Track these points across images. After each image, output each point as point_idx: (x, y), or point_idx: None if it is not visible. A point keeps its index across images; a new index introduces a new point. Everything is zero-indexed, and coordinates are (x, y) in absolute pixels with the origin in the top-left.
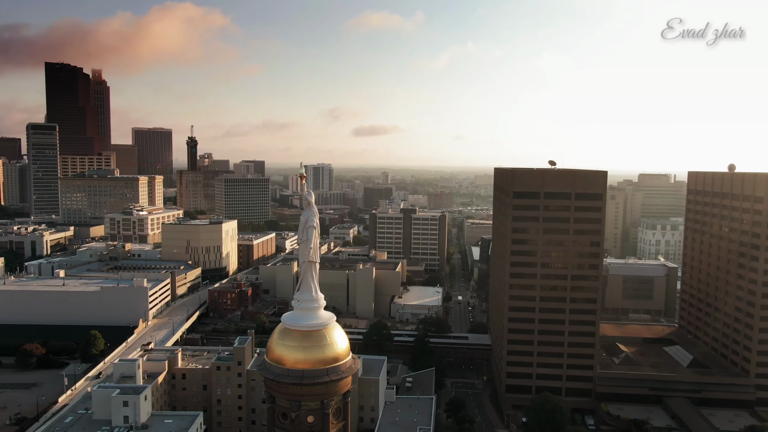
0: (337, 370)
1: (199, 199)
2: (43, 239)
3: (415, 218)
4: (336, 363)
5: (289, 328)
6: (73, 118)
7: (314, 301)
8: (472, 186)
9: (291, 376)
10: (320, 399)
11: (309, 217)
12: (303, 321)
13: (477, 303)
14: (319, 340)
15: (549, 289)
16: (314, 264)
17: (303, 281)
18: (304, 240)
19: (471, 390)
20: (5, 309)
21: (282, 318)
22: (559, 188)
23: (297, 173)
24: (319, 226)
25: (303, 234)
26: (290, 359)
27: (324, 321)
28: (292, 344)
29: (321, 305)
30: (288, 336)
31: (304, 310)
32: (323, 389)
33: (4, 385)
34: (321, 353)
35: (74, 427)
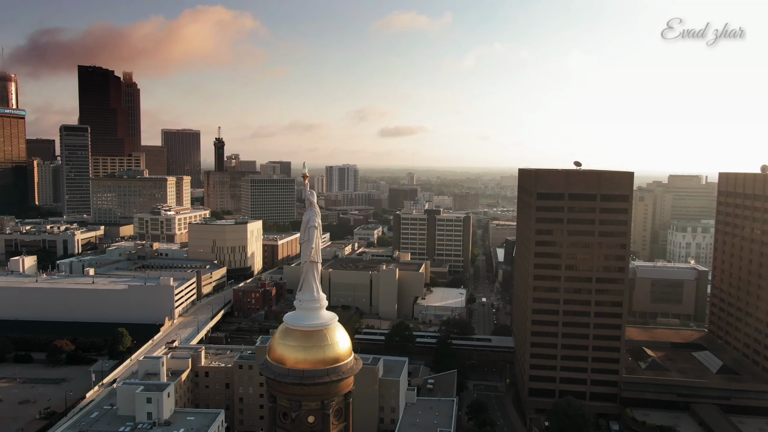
0: (337, 370)
1: (226, 200)
2: (74, 238)
3: (440, 219)
4: (337, 364)
5: (290, 327)
6: (104, 120)
7: (316, 301)
8: (498, 187)
9: (291, 375)
10: (321, 399)
11: (311, 217)
12: (304, 321)
13: (501, 305)
14: (319, 341)
15: (573, 292)
16: (316, 264)
17: (305, 281)
18: (305, 240)
19: (493, 393)
20: (37, 306)
21: (284, 318)
22: (584, 189)
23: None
24: (320, 225)
25: (305, 234)
26: (291, 359)
27: (325, 321)
28: (292, 344)
29: (323, 305)
30: (289, 336)
31: (305, 310)
32: (324, 389)
33: (34, 380)
34: (321, 353)
35: (99, 423)
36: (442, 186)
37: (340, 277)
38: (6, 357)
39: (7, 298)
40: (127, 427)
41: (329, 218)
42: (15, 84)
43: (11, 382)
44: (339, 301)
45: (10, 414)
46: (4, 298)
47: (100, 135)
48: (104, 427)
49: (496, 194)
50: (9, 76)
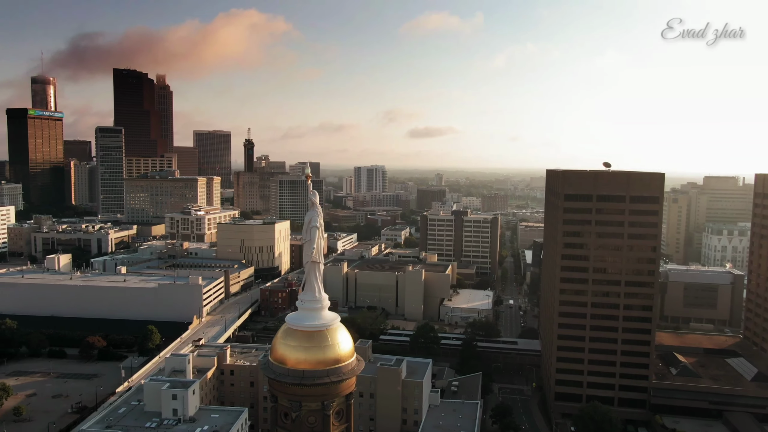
0: (338, 371)
1: (255, 200)
2: (108, 237)
3: (467, 220)
4: (337, 364)
5: (292, 327)
6: (138, 122)
7: (317, 302)
8: (528, 188)
9: (291, 375)
10: (321, 400)
11: (313, 217)
12: (305, 321)
13: (529, 307)
14: (320, 341)
15: (601, 295)
16: (318, 264)
17: (307, 281)
18: (307, 240)
19: (519, 396)
20: (71, 303)
21: (286, 318)
22: (612, 191)
23: (349, 175)
24: (323, 226)
25: (307, 234)
26: (292, 359)
27: (326, 322)
28: (293, 344)
29: (324, 306)
30: (290, 336)
31: (307, 310)
32: (324, 390)
33: (67, 375)
34: (322, 354)
35: (127, 418)
36: (471, 187)
37: (366, 278)
38: (41, 352)
39: (43, 295)
40: (153, 423)
41: (357, 219)
42: (53, 87)
43: (46, 377)
44: (365, 302)
45: (44, 407)
46: (40, 294)
47: (134, 136)
48: (131, 422)
49: (525, 195)
50: (48, 79)
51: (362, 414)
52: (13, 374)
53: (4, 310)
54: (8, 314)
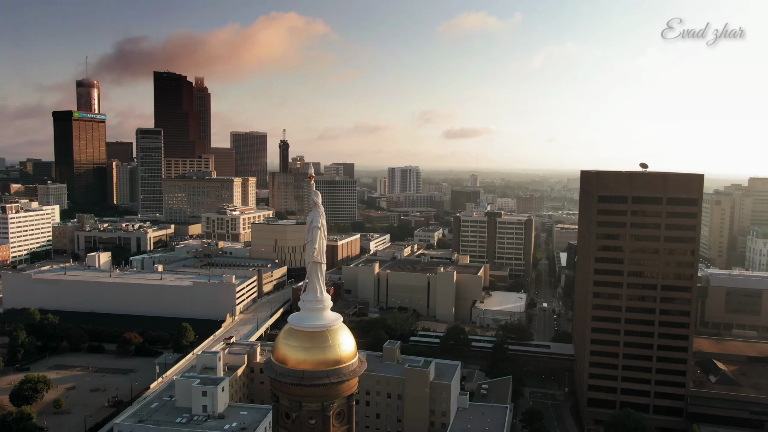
0: (338, 372)
1: (290, 200)
2: (147, 236)
3: (500, 222)
4: (338, 365)
5: (293, 328)
6: (177, 123)
7: (319, 302)
8: (565, 189)
9: (291, 375)
10: (321, 401)
11: (314, 218)
12: (306, 321)
13: (563, 311)
14: (321, 342)
15: (637, 299)
16: (320, 265)
17: (308, 282)
18: (309, 240)
19: (551, 401)
20: (110, 299)
21: (288, 318)
22: (648, 192)
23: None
24: (325, 226)
25: (308, 234)
26: (292, 359)
27: (327, 323)
28: (294, 344)
29: (326, 306)
30: (291, 336)
31: (308, 310)
32: (324, 391)
33: (105, 370)
34: (322, 354)
35: (158, 413)
36: (506, 188)
37: (397, 279)
38: (81, 347)
39: (83, 292)
40: (183, 419)
41: (390, 219)
42: (97, 90)
43: (85, 371)
44: (396, 303)
45: (82, 401)
46: (80, 291)
47: (173, 137)
48: (162, 417)
49: (561, 197)
50: (92, 82)
51: (390, 415)
52: (54, 368)
53: (47, 306)
54: (51, 310)
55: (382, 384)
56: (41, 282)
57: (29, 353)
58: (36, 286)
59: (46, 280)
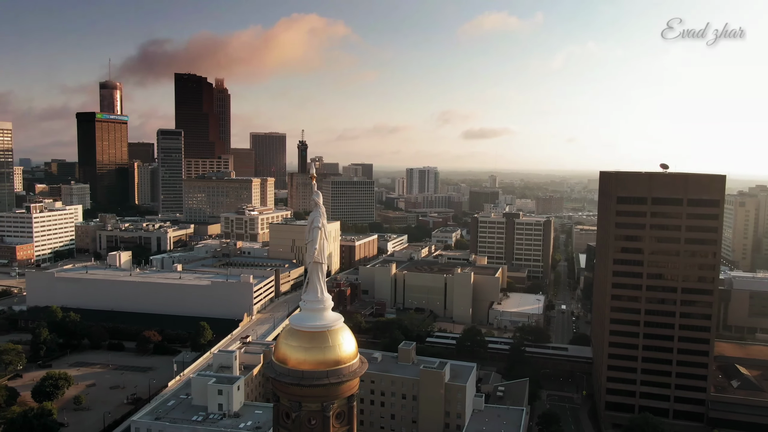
0: (338, 373)
1: (308, 200)
2: (167, 236)
3: (518, 223)
4: (338, 366)
5: (294, 328)
6: (197, 124)
7: (319, 302)
8: (585, 190)
9: (291, 375)
10: (321, 401)
11: (315, 218)
12: (306, 321)
13: (582, 313)
14: (321, 342)
15: (656, 302)
16: (320, 265)
17: (309, 282)
18: (309, 240)
19: (568, 404)
20: (130, 298)
21: (289, 318)
22: (668, 193)
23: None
24: (325, 226)
25: (309, 234)
26: (292, 359)
27: (328, 323)
28: (294, 344)
29: (327, 306)
30: (292, 336)
31: (309, 311)
32: (323, 391)
33: (124, 368)
34: (321, 355)
35: (175, 411)
36: (526, 189)
37: (414, 280)
38: (101, 344)
39: (104, 290)
40: (199, 417)
41: (408, 220)
42: (120, 92)
43: (105, 368)
44: (413, 304)
45: (102, 397)
46: (101, 289)
47: (193, 138)
48: (179, 414)
49: (582, 198)
50: (115, 84)
51: (404, 416)
52: (75, 365)
53: (69, 304)
54: (72, 308)
55: (397, 385)
56: (63, 280)
57: (51, 350)
58: (58, 284)
59: (68, 279)
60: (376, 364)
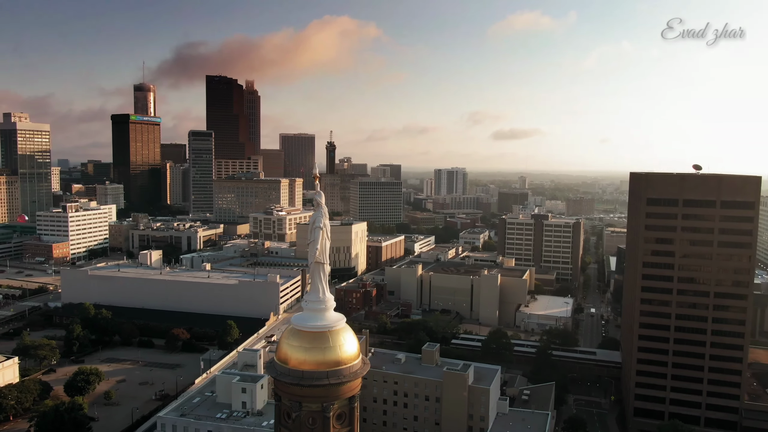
0: (338, 373)
1: (336, 201)
2: (197, 235)
3: (547, 224)
4: (338, 366)
5: (295, 327)
6: (227, 125)
7: (321, 303)
8: (617, 192)
9: (291, 375)
10: (320, 402)
11: (317, 218)
12: (308, 322)
13: (612, 317)
14: (321, 342)
15: (687, 307)
16: (322, 265)
17: (311, 282)
18: (311, 240)
19: (596, 409)
20: (160, 296)
21: (291, 318)
22: (701, 195)
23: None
24: (327, 227)
25: (311, 234)
26: (293, 359)
27: (329, 323)
28: (295, 344)
29: (329, 307)
30: (293, 336)
31: (311, 311)
32: (323, 392)
33: (154, 364)
34: (321, 355)
35: (200, 408)
36: (556, 190)
37: (440, 281)
38: (132, 341)
39: (135, 288)
40: (223, 414)
41: (435, 221)
42: (153, 94)
43: (135, 365)
44: (439, 305)
45: (131, 393)
46: (133, 287)
47: (223, 139)
48: (203, 412)
49: (613, 199)
50: (148, 86)
51: (427, 418)
52: (106, 361)
53: (101, 301)
54: (105, 305)
55: (420, 386)
56: (96, 278)
57: (84, 346)
58: (91, 282)
59: (100, 277)
60: (399, 365)
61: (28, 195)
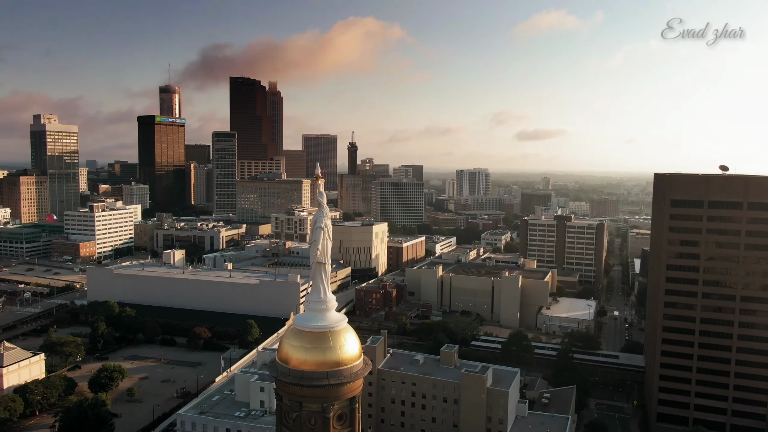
0: (338, 374)
1: (358, 202)
2: (219, 235)
3: (570, 226)
4: (338, 367)
5: (297, 328)
6: (250, 127)
7: (322, 303)
8: (643, 193)
9: (291, 375)
10: (320, 402)
11: (318, 218)
12: (308, 322)
13: (635, 320)
14: (322, 342)
15: (712, 311)
16: (323, 265)
17: (313, 282)
18: (313, 241)
19: (618, 414)
20: (183, 295)
21: (293, 318)
22: (727, 196)
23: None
24: (328, 227)
25: (312, 235)
26: (294, 359)
27: (330, 324)
28: (295, 344)
29: (330, 307)
30: (295, 336)
31: (312, 311)
32: (323, 392)
33: (175, 362)
34: (322, 356)
35: (219, 406)
36: (580, 191)
37: (461, 282)
38: (155, 339)
39: (158, 287)
40: (241, 413)
41: (457, 222)
42: (178, 96)
43: (157, 362)
44: (459, 307)
45: (153, 390)
46: (156, 286)
47: (246, 140)
48: (222, 410)
49: (639, 201)
50: (173, 88)
51: (445, 420)
52: (130, 358)
53: (126, 300)
54: (129, 303)
55: (438, 388)
56: (121, 277)
57: (108, 343)
58: (116, 280)
59: (125, 275)
60: (418, 366)
61: (57, 195)
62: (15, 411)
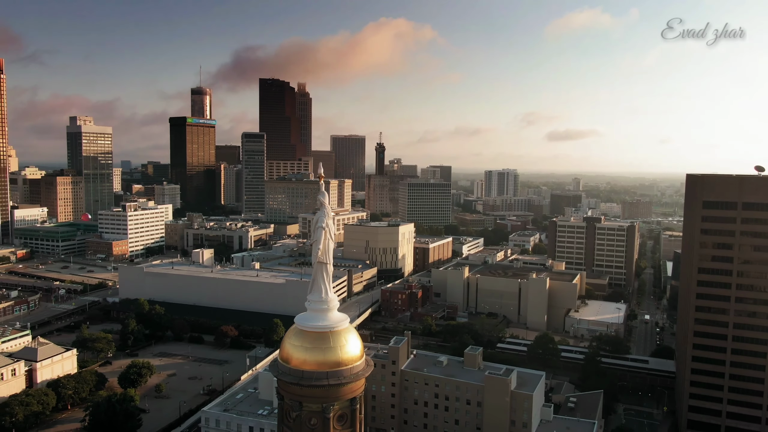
0: (338, 374)
1: (385, 202)
2: (248, 235)
3: (600, 227)
4: (339, 367)
5: (298, 327)
6: (279, 127)
7: (323, 303)
8: (677, 195)
9: (292, 375)
10: (321, 402)
11: (320, 218)
12: (309, 322)
13: (667, 324)
14: (322, 342)
15: (746, 315)
16: (324, 265)
17: (314, 282)
18: (314, 240)
19: (647, 420)
20: (210, 294)
21: (295, 318)
22: (763, 198)
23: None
24: (330, 227)
25: (313, 234)
26: (295, 359)
27: (331, 324)
28: (296, 344)
29: (331, 307)
30: (295, 336)
31: (313, 311)
32: (323, 392)
33: (203, 360)
34: (322, 356)
35: (242, 404)
36: (612, 192)
37: (487, 284)
38: (183, 337)
39: (187, 285)
40: (264, 411)
41: (485, 223)
42: (209, 97)
43: (185, 360)
44: (485, 308)
45: (180, 387)
46: (185, 285)
47: (275, 141)
48: (246, 407)
49: (673, 202)
50: (204, 90)
51: (468, 422)
52: (159, 355)
53: (156, 297)
54: (158, 301)
55: (462, 390)
56: (151, 275)
57: (138, 340)
58: (147, 278)
59: (155, 274)
60: (441, 367)
61: (92, 195)
62: (48, 405)
